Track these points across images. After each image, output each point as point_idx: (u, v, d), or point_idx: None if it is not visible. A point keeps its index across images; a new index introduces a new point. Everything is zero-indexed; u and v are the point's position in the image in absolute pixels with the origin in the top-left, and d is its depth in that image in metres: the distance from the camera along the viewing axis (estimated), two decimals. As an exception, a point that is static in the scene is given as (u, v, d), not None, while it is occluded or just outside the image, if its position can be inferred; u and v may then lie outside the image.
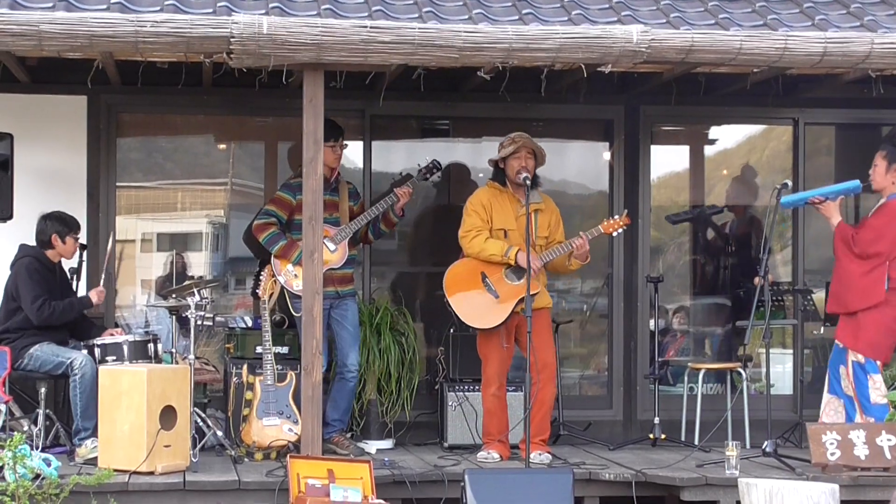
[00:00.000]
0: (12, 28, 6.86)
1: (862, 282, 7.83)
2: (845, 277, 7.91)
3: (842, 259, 7.94)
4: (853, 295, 7.85)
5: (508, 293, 8.02)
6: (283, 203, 8.28)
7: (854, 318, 7.87)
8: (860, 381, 7.84)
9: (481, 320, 8.06)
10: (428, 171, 8.54)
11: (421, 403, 8.98)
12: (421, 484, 7.43)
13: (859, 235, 7.89)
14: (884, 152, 7.99)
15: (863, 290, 7.83)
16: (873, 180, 8.04)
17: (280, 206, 8.29)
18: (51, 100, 8.90)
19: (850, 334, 7.89)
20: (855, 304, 7.85)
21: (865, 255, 7.84)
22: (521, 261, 7.94)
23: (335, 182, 8.37)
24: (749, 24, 8.03)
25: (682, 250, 10.05)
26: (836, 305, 8.01)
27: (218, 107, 9.26)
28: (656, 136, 9.72)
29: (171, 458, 7.31)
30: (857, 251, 7.85)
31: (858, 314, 7.84)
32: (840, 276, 7.96)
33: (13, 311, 8.05)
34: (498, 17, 7.80)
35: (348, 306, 8.35)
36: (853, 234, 7.91)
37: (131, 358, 7.98)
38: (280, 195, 8.35)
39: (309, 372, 7.33)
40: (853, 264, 7.87)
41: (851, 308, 7.86)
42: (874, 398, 7.82)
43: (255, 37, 6.95)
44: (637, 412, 9.42)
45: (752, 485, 6.65)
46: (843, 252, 7.91)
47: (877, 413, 7.78)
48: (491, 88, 8.27)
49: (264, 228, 8.26)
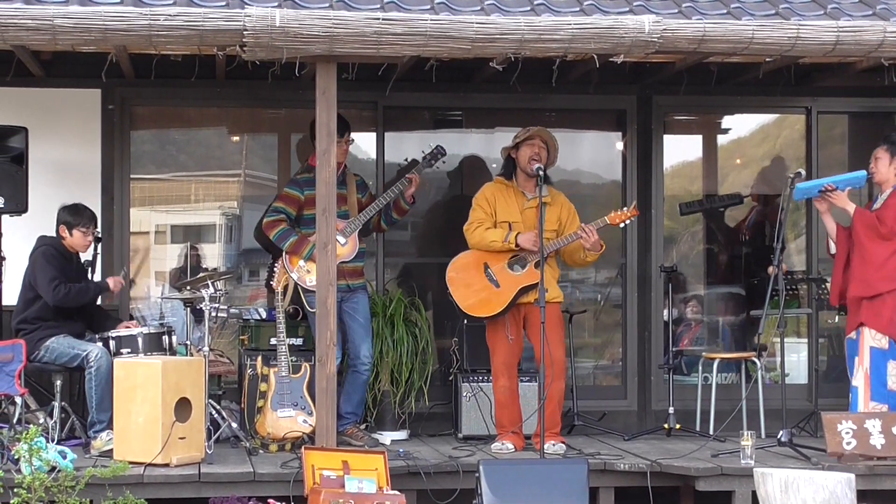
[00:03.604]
0: (27, 22, 6.88)
1: (890, 263, 7.82)
2: (871, 261, 7.86)
3: (866, 244, 7.89)
4: (879, 277, 7.82)
5: (509, 283, 8.05)
6: (290, 199, 8.29)
7: (877, 300, 7.84)
8: (878, 368, 7.80)
9: (480, 309, 8.09)
10: (433, 157, 8.55)
11: (435, 394, 8.99)
12: (436, 475, 7.44)
13: (884, 215, 7.88)
14: (885, 146, 8.04)
15: (889, 271, 7.82)
16: (876, 173, 8.05)
17: (288, 203, 8.30)
18: (65, 93, 8.93)
19: (875, 317, 7.84)
20: (883, 285, 7.82)
21: (893, 235, 7.84)
22: (521, 241, 7.97)
23: (342, 175, 8.38)
24: (761, 14, 8.01)
25: (696, 239, 10.04)
26: (861, 289, 7.92)
27: (231, 99, 9.27)
28: (669, 126, 9.71)
29: (186, 450, 7.33)
30: (884, 231, 7.84)
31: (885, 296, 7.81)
32: (865, 260, 7.89)
33: (31, 300, 8.07)
34: (510, 7, 7.79)
35: (359, 299, 8.37)
36: (877, 215, 7.91)
37: (146, 350, 8.00)
38: (287, 191, 8.36)
39: (323, 363, 7.34)
40: (880, 247, 7.85)
41: (879, 290, 7.82)
42: (891, 384, 7.79)
43: (267, 29, 6.96)
44: (651, 402, 9.42)
45: (768, 474, 6.64)
46: (868, 237, 7.89)
47: (892, 400, 7.76)
48: (503, 79, 8.27)
49: (274, 225, 8.27)
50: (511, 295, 8.04)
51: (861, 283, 7.92)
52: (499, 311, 8.05)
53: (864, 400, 7.83)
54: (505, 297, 8.05)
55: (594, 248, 8.07)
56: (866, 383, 7.85)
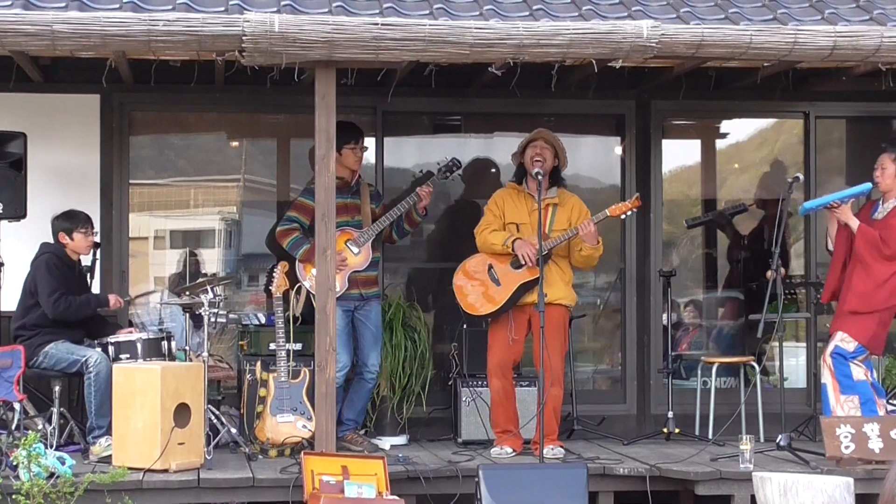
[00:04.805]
0: (26, 28, 6.88)
1: (889, 284, 7.84)
2: (873, 278, 7.86)
3: (868, 262, 7.88)
4: (881, 295, 7.84)
5: (509, 280, 8.08)
6: (304, 209, 8.28)
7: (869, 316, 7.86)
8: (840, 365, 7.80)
9: (481, 307, 8.13)
10: (448, 169, 8.58)
11: (434, 399, 8.99)
12: (435, 480, 7.45)
13: (889, 237, 7.88)
14: (892, 155, 8.01)
15: (888, 291, 7.84)
16: (881, 181, 8.04)
17: (302, 212, 8.30)
18: (64, 99, 8.93)
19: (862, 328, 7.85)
20: (881, 303, 7.86)
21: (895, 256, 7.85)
22: (516, 248, 8.02)
23: (356, 185, 8.40)
24: (759, 19, 8.03)
25: (695, 244, 10.04)
26: (861, 304, 7.92)
27: (230, 104, 9.28)
28: (667, 131, 9.72)
29: (185, 456, 7.33)
30: (888, 253, 7.84)
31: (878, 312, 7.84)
32: (867, 277, 7.90)
33: (30, 307, 8.07)
34: (508, 13, 7.81)
35: (372, 308, 8.39)
36: (880, 235, 7.90)
37: (145, 356, 7.99)
38: (301, 201, 8.36)
39: (322, 368, 7.34)
40: (883, 266, 7.85)
41: (877, 307, 7.85)
42: (856, 375, 7.80)
43: (266, 35, 6.97)
44: (651, 406, 9.42)
45: (767, 478, 6.65)
46: (871, 255, 7.87)
47: (860, 390, 7.77)
48: (502, 84, 8.26)
49: (287, 234, 8.29)
50: (510, 291, 8.06)
51: (861, 298, 7.91)
52: (498, 307, 8.07)
53: (835, 396, 7.84)
54: (504, 293, 8.08)
55: (588, 240, 8.04)
56: (833, 379, 7.86)
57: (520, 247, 8.02)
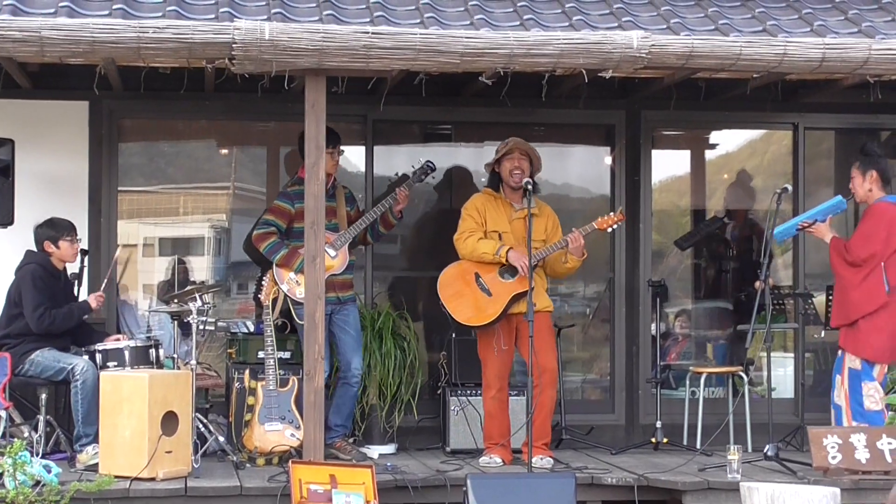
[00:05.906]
0: (14, 34, 6.87)
1: (860, 289, 7.86)
2: (844, 288, 7.93)
3: (839, 272, 7.99)
4: (853, 304, 7.88)
5: (501, 291, 8.07)
6: (281, 212, 8.29)
7: (855, 326, 7.89)
8: (854, 389, 7.86)
9: (475, 318, 8.10)
10: (422, 172, 8.57)
11: (423, 408, 8.98)
12: (423, 489, 7.43)
13: (850, 244, 7.95)
14: (857, 163, 8.10)
15: (861, 296, 7.86)
16: (854, 193, 8.11)
17: (278, 216, 8.30)
18: (52, 105, 8.90)
19: (852, 341, 7.91)
20: (855, 312, 7.88)
21: (860, 261, 7.88)
22: (511, 258, 7.99)
23: (332, 188, 8.39)
24: (749, 30, 8.06)
25: (684, 254, 10.05)
26: (839, 318, 8.01)
27: (220, 112, 9.27)
28: (657, 141, 9.73)
29: (172, 464, 7.31)
30: (849, 259, 7.90)
31: (859, 322, 7.86)
32: (840, 289, 8.00)
33: (15, 316, 8.04)
34: (499, 22, 7.81)
35: (349, 311, 8.37)
36: (844, 244, 7.96)
37: (133, 363, 7.98)
38: (278, 204, 8.36)
39: (311, 377, 7.33)
40: (849, 272, 7.91)
41: (852, 317, 7.89)
42: (868, 405, 7.83)
43: (257, 43, 6.97)
44: (639, 416, 9.42)
45: (754, 488, 6.65)
46: (840, 264, 7.97)
47: (871, 420, 7.80)
48: (492, 93, 8.28)
49: (264, 238, 8.28)
50: (504, 303, 8.06)
51: (840, 310, 7.98)
52: (493, 318, 8.07)
53: (847, 420, 7.88)
54: (498, 305, 8.07)
55: (577, 254, 8.07)
56: (847, 404, 7.90)
57: (517, 258, 8.00)
